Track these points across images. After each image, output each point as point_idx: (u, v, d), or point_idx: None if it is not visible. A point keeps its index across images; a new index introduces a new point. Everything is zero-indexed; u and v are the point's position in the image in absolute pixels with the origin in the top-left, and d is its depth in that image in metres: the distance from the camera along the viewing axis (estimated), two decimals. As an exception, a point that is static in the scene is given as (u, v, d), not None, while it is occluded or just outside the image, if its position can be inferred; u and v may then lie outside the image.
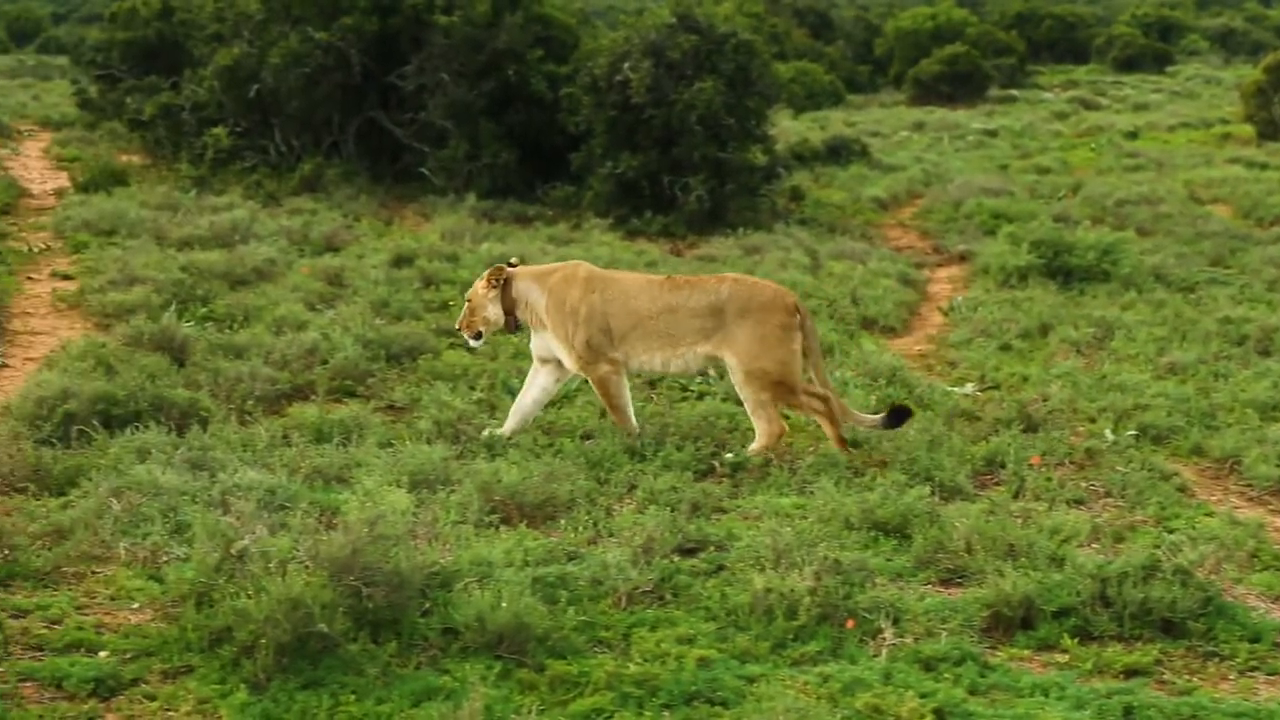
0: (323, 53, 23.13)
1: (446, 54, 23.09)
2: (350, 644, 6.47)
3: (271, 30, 23.93)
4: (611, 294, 10.59)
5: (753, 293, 10.48)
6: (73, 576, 7.50)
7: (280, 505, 8.14)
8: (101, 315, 13.74)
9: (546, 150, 23.39)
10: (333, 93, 23.50)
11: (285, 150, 23.79)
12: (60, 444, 9.56)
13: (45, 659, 6.50)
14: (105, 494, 8.26)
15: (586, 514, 8.58)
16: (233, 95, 24.01)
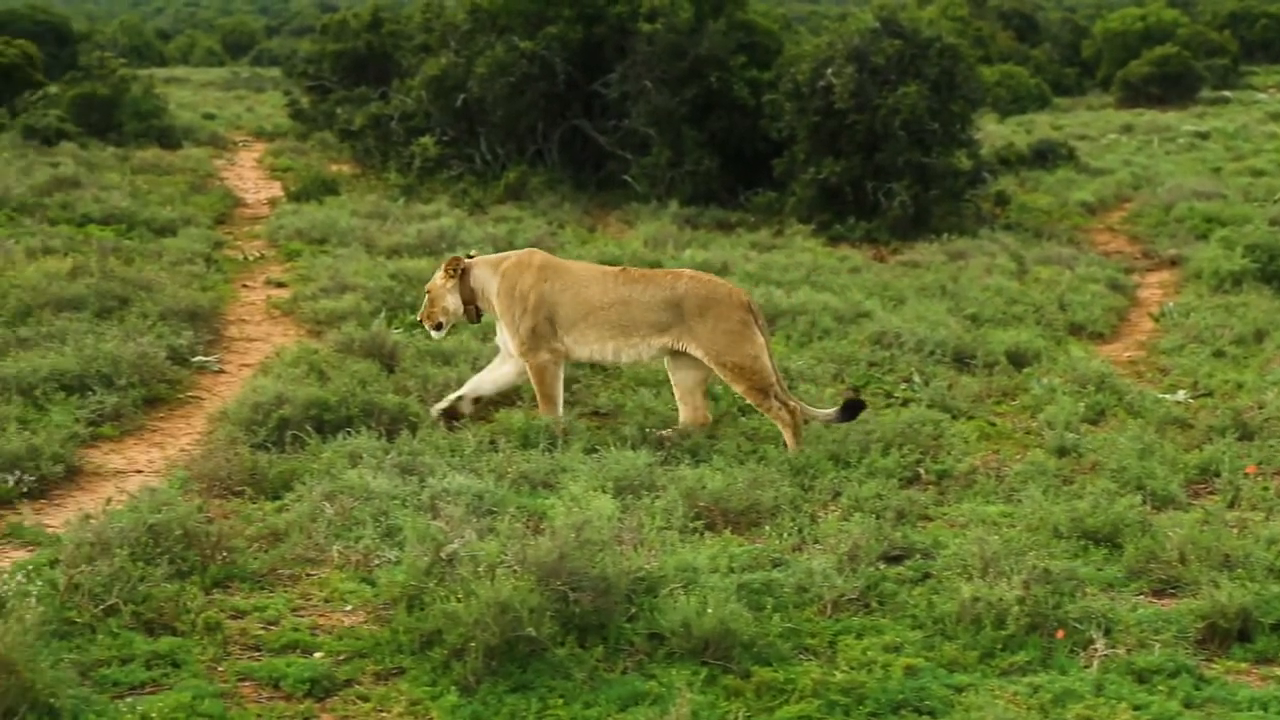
0: (528, 62, 23.37)
1: (649, 61, 23.19)
2: (558, 648, 6.52)
3: (478, 40, 24.24)
4: (564, 283, 10.76)
5: (710, 290, 10.63)
6: (288, 579, 7.65)
7: (488, 510, 8.23)
8: (313, 322, 14.01)
9: (749, 156, 23.39)
10: (537, 101, 23.73)
11: (491, 158, 24.07)
12: (275, 448, 9.76)
13: (263, 659, 6.64)
14: (319, 498, 8.41)
15: (791, 520, 8.55)
16: (440, 105, 24.35)
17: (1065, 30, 54.46)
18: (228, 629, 6.88)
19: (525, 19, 23.99)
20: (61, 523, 8.27)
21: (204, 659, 6.54)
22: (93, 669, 6.33)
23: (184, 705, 5.94)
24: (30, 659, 5.87)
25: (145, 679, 6.30)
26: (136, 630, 6.72)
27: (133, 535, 7.35)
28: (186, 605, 6.96)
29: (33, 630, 6.10)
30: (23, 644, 5.87)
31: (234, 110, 40.55)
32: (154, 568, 7.16)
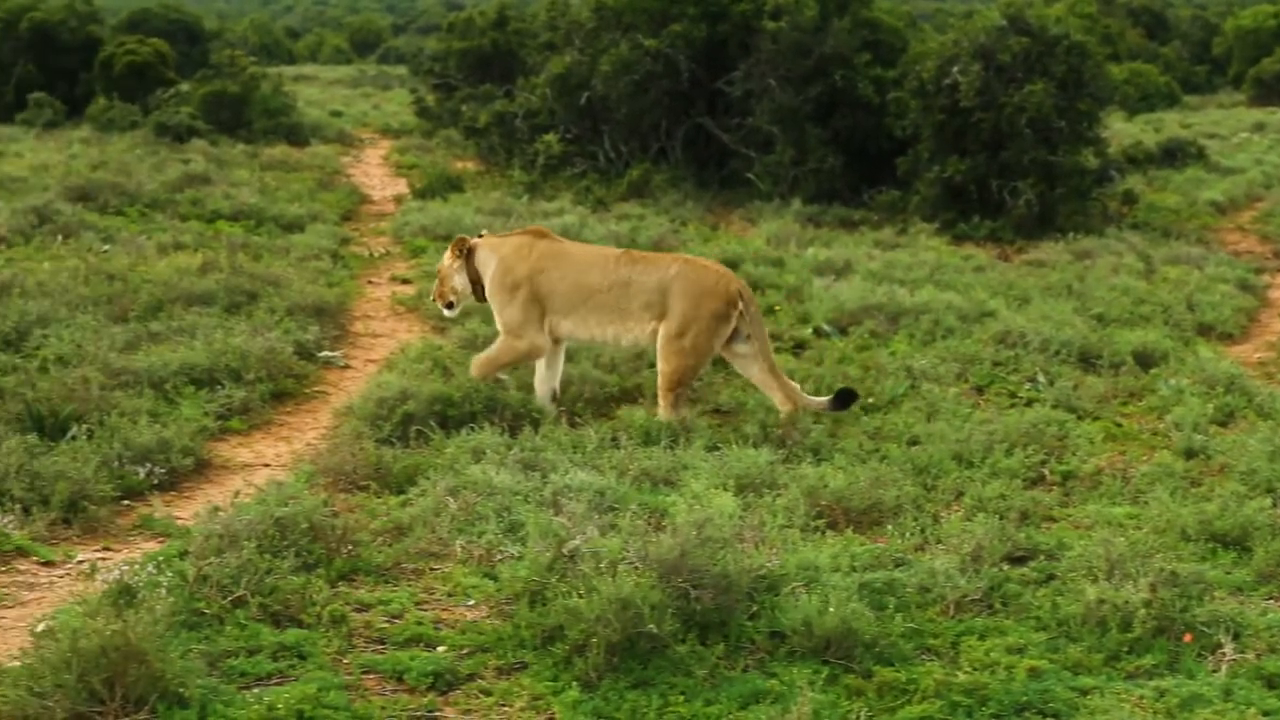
0: (652, 60, 23.40)
1: (773, 59, 23.15)
2: (679, 645, 6.53)
3: (602, 38, 24.31)
4: (563, 270, 10.86)
5: (699, 276, 10.70)
6: (412, 573, 7.71)
7: (610, 506, 8.25)
8: (438, 318, 14.09)
9: (873, 154, 23.29)
10: (661, 99, 23.76)
11: (614, 156, 24.13)
12: (399, 443, 9.85)
13: (387, 652, 6.70)
14: (442, 493, 8.46)
15: (913, 520, 8.50)
16: (564, 102, 24.45)
17: (1195, 27, 53.79)
18: (352, 622, 6.94)
19: (650, 17, 24.02)
20: (191, 515, 8.39)
21: (329, 651, 6.61)
22: (220, 659, 6.41)
23: (309, 697, 6.00)
24: (160, 649, 5.96)
25: (271, 670, 6.38)
26: (263, 622, 6.80)
27: (260, 528, 7.44)
28: (312, 598, 7.04)
29: (163, 621, 6.20)
30: (153, 634, 5.96)
31: (361, 108, 40.95)
32: (281, 560, 7.24)
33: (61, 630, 6.05)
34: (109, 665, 5.80)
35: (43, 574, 7.68)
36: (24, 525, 8.14)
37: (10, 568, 7.69)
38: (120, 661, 5.81)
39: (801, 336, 13.67)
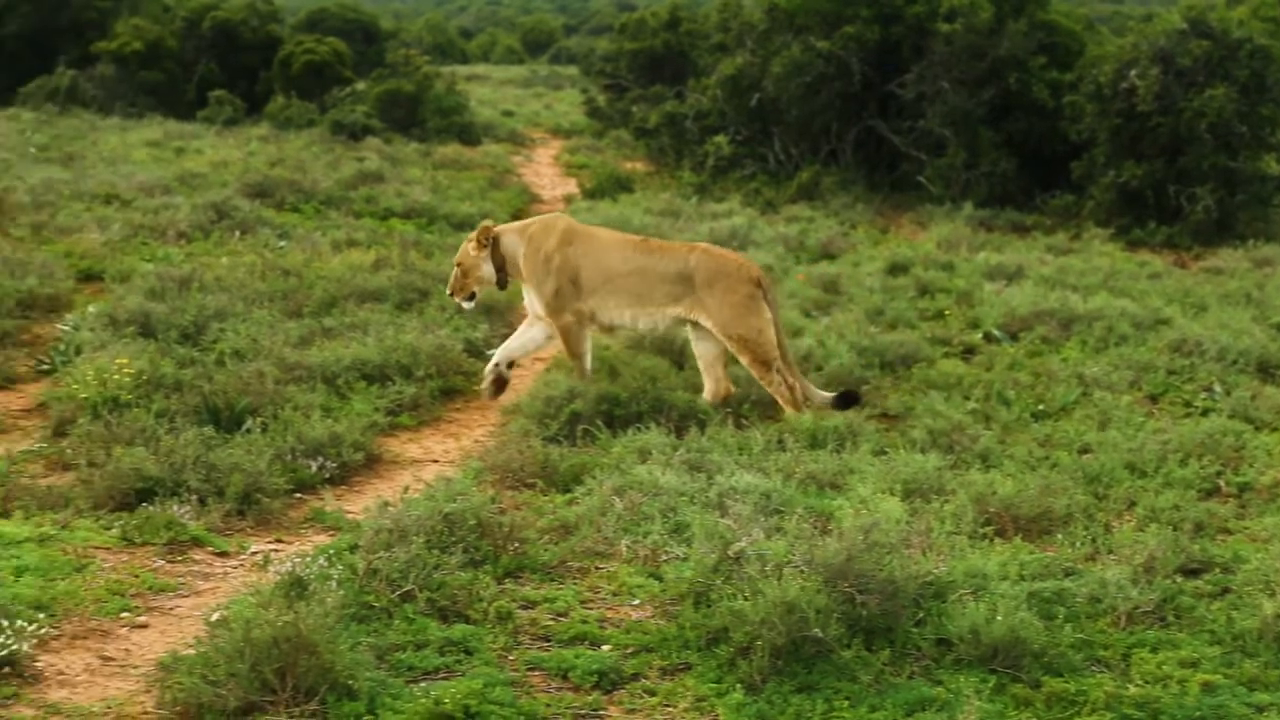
0: (824, 62, 23.33)
1: (947, 61, 22.98)
2: (844, 650, 6.49)
3: (774, 40, 24.28)
4: (586, 248, 11.16)
5: (720, 263, 10.98)
6: (578, 571, 7.74)
7: (775, 509, 8.21)
8: (607, 318, 14.14)
9: (1046, 158, 23.03)
10: (832, 101, 23.68)
11: (784, 158, 24.08)
12: (566, 442, 9.89)
13: (552, 650, 6.73)
14: (608, 492, 8.49)
15: (1084, 529, 8.37)
16: (734, 104, 24.45)
17: (1383, 30, 52.38)
18: (518, 619, 6.99)
19: (822, 19, 23.94)
20: (361, 509, 8.49)
21: (495, 647, 6.66)
22: (389, 653, 6.48)
23: (475, 692, 6.04)
24: (331, 641, 6.04)
25: (439, 665, 6.44)
26: (431, 616, 6.87)
27: (429, 523, 7.51)
28: (479, 594, 7.09)
29: (333, 613, 6.28)
30: (324, 626, 6.04)
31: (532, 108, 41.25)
32: (449, 556, 7.31)
33: (235, 620, 6.15)
34: (280, 656, 5.89)
35: (217, 564, 7.82)
36: (200, 516, 8.29)
37: (186, 557, 7.84)
38: (291, 652, 5.90)
39: (971, 341, 13.54)
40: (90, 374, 10.21)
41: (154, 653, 6.52)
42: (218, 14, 34.45)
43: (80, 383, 10.18)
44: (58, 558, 7.52)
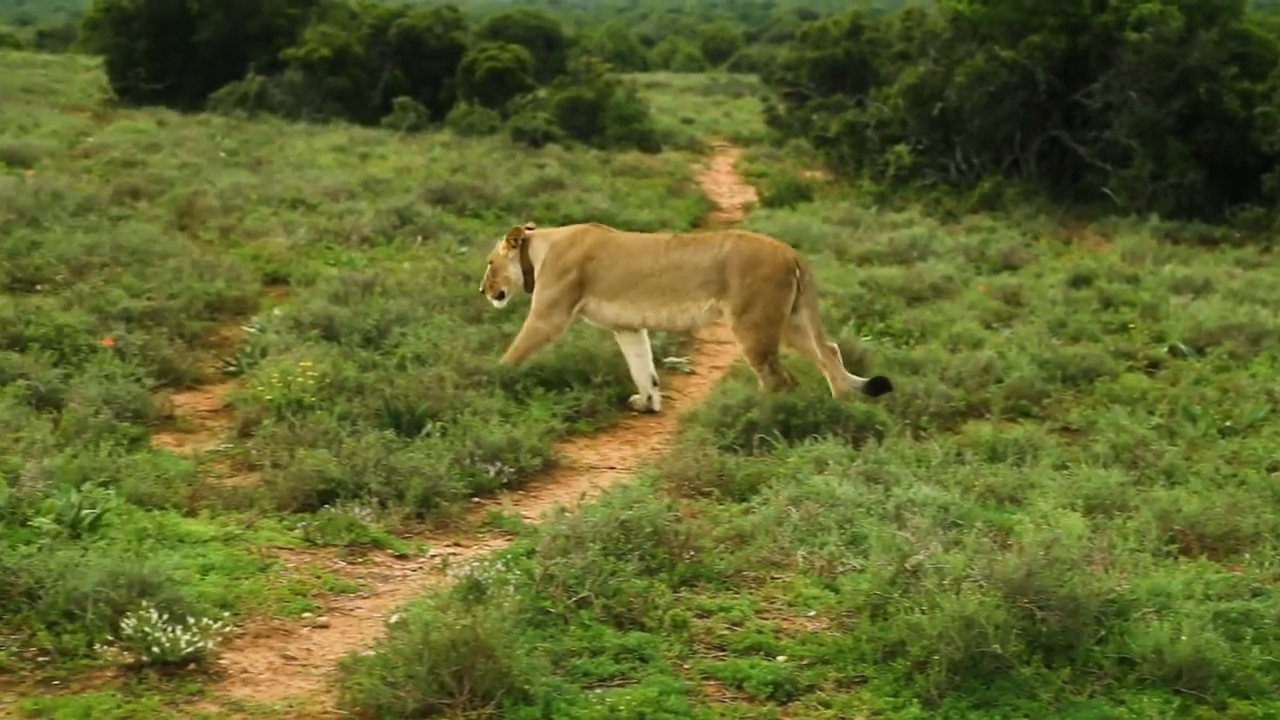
0: (1008, 71, 23.07)
1: (1135, 71, 22.62)
2: (1023, 667, 6.40)
3: (958, 49, 24.07)
4: (614, 257, 11.26)
5: (756, 249, 11.06)
6: (753, 581, 7.71)
7: (953, 522, 8.12)
8: (783, 327, 14.10)
9: (1236, 170, 22.56)
10: (1016, 111, 23.41)
11: (965, 168, 23.86)
12: (742, 451, 9.87)
13: (727, 659, 6.71)
14: (785, 502, 8.45)
15: (1272, 549, 8.16)
16: (916, 113, 24.27)
17: None
18: (694, 627, 6.98)
19: (1007, 28, 23.69)
20: (538, 514, 8.53)
21: (670, 656, 6.66)
22: (564, 658, 6.51)
23: (650, 700, 6.05)
24: (508, 645, 6.07)
25: (614, 672, 6.45)
26: (606, 623, 6.88)
27: (605, 530, 7.53)
28: (655, 601, 7.10)
29: (510, 618, 6.32)
30: (501, 630, 6.08)
31: (711, 115, 41.27)
32: (625, 563, 7.32)
33: (414, 623, 6.21)
34: (458, 659, 5.94)
35: (397, 567, 7.91)
36: (380, 518, 8.40)
37: (367, 559, 7.94)
38: (469, 656, 5.94)
39: (1156, 355, 13.30)
40: (275, 376, 10.38)
41: (334, 653, 6.61)
42: (404, 21, 34.92)
43: (265, 385, 10.36)
44: (242, 557, 7.66)
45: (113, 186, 19.38)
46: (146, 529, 7.72)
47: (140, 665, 6.25)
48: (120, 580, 6.58)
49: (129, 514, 7.91)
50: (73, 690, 6.11)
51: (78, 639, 6.37)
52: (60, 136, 25.64)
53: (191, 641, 6.26)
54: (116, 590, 6.54)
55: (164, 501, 8.29)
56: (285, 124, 30.34)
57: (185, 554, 7.50)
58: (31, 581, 6.65)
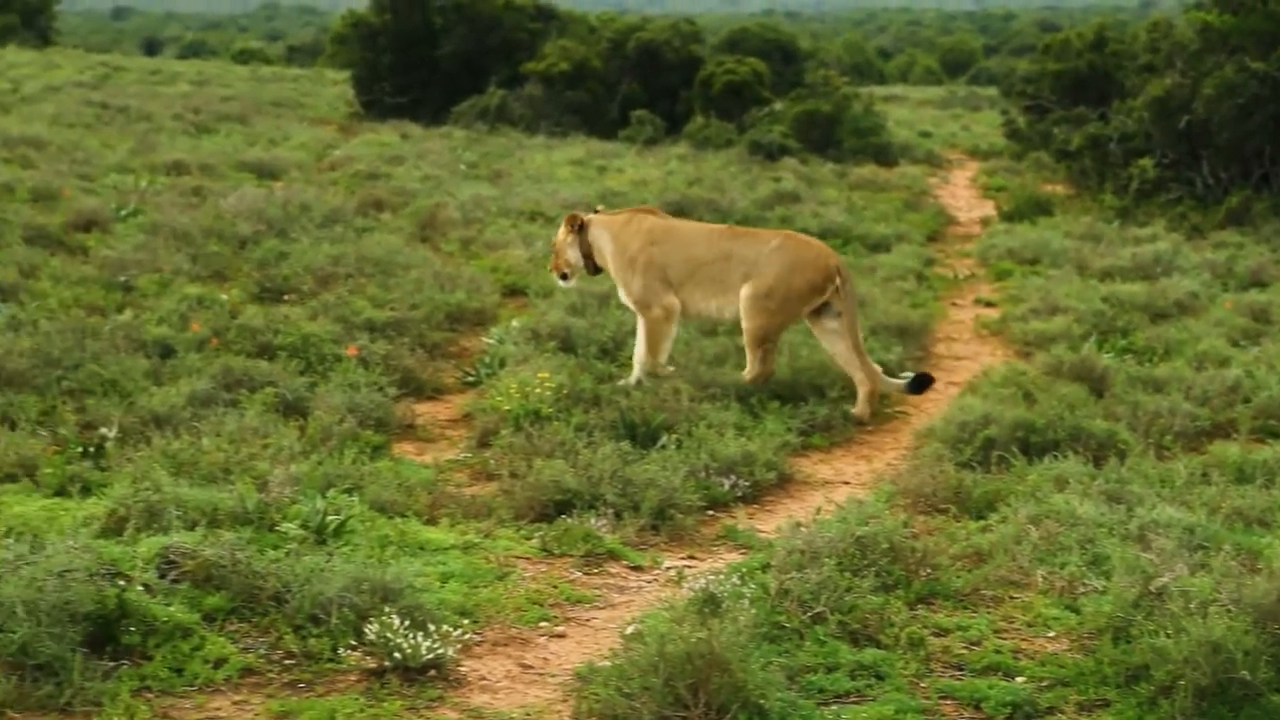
0: (1259, 83, 22.46)
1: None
2: (1273, 694, 6.22)
3: (1206, 60, 23.50)
4: (672, 244, 11.62)
5: (798, 249, 11.46)
6: (991, 600, 7.61)
7: (1199, 545, 7.92)
8: (1022, 343, 13.93)
9: None
10: (1266, 124, 22.77)
11: (1212, 182, 23.29)
12: (980, 468, 9.74)
13: (965, 679, 6.63)
14: (1023, 520, 8.32)
15: None
16: (1161, 126, 23.75)
17: None
18: (930, 646, 6.91)
19: (1258, 38, 23.06)
20: (772, 528, 8.52)
21: (906, 674, 6.60)
22: (799, 674, 6.49)
23: (886, 718, 6.01)
24: (743, 659, 6.07)
25: (849, 689, 6.41)
26: (842, 639, 6.84)
27: (840, 546, 7.50)
28: (890, 619, 7.04)
29: (745, 631, 6.31)
30: (736, 644, 6.08)
31: (949, 129, 40.91)
32: (860, 579, 7.27)
33: (649, 634, 6.24)
34: (694, 672, 5.96)
35: (632, 578, 7.95)
36: (616, 529, 8.46)
37: (602, 570, 8.00)
38: (705, 669, 5.95)
39: None
40: (513, 387, 10.52)
41: (571, 663, 6.67)
42: (642, 35, 35.17)
43: (504, 395, 10.50)
44: (481, 565, 7.77)
45: (357, 198, 19.80)
46: (388, 536, 7.87)
47: (382, 670, 6.37)
48: (364, 586, 6.72)
49: (371, 521, 8.07)
50: (318, 693, 6.25)
51: (323, 643, 6.51)
52: (308, 149, 26.27)
53: (432, 648, 6.37)
54: (360, 596, 6.67)
55: (405, 509, 8.44)
56: (524, 137, 30.72)
57: (426, 561, 7.62)
58: (279, 586, 6.82)
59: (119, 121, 27.52)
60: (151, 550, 7.05)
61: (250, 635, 6.66)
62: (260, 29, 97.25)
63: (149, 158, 22.50)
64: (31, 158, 21.16)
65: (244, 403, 10.08)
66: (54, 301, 12.53)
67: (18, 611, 6.12)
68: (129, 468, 8.59)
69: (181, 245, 15.48)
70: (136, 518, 7.61)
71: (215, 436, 9.21)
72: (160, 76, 40.51)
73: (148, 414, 9.69)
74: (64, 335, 11.16)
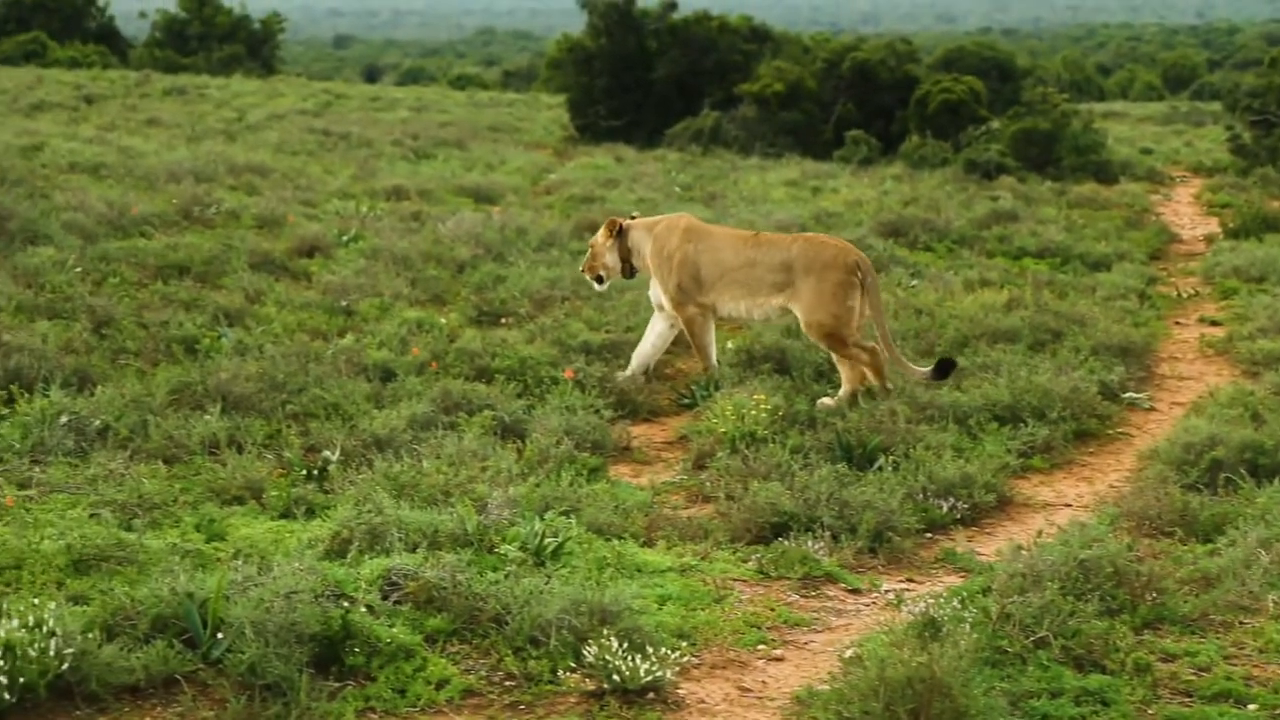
0: None
1: None
2: None
3: None
4: (704, 246, 12.11)
5: (818, 251, 11.77)
6: (1220, 625, 7.42)
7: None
8: (1249, 363, 13.57)
9: None
10: None
11: None
12: (1207, 490, 9.51)
13: (1194, 706, 6.48)
14: (1253, 544, 8.11)
15: None
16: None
17: None
18: (1157, 671, 6.76)
19: None
20: (992, 551, 8.42)
21: (1133, 700, 6.47)
22: (1022, 700, 6.39)
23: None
24: (964, 684, 6.00)
25: (1073, 715, 6.30)
26: (1065, 664, 6.73)
27: (1063, 569, 7.37)
28: (1116, 644, 6.90)
29: (967, 656, 6.24)
30: (957, 669, 6.01)
31: (1171, 145, 40.08)
32: (1084, 603, 7.15)
33: (869, 658, 6.20)
34: (914, 696, 5.90)
35: (850, 601, 7.90)
36: (833, 552, 8.41)
37: (820, 593, 7.96)
38: (925, 694, 5.89)
39: None
40: (728, 409, 10.52)
41: (789, 686, 6.64)
42: (857, 55, 35.00)
43: (719, 417, 10.51)
44: (698, 588, 7.77)
45: (573, 222, 19.95)
46: (606, 558, 7.91)
47: (601, 692, 6.40)
48: (582, 608, 6.76)
49: (589, 543, 8.12)
50: (538, 715, 6.30)
51: (542, 664, 6.56)
52: (524, 174, 26.56)
53: (651, 670, 6.38)
54: (579, 618, 6.72)
55: (622, 531, 8.48)
56: (738, 159, 30.73)
57: (643, 584, 7.65)
58: (499, 607, 6.89)
59: (340, 148, 28.07)
60: (374, 572, 7.18)
61: (471, 657, 6.73)
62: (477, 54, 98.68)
63: (369, 184, 22.91)
64: (256, 185, 21.68)
65: (463, 425, 10.21)
66: (278, 326, 12.80)
67: (246, 632, 6.27)
68: (351, 490, 8.75)
69: (401, 270, 15.74)
70: (359, 540, 7.76)
71: (435, 459, 9.34)
72: (380, 103, 41.24)
73: (369, 437, 9.86)
74: (288, 359, 11.41)
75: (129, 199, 18.49)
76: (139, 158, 23.08)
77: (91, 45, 55.71)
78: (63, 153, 22.77)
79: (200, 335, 12.18)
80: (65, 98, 35.37)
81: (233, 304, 13.50)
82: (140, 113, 32.93)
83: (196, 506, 8.59)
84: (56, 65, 49.34)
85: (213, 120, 32.44)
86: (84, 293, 13.32)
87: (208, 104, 37.06)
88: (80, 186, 19.17)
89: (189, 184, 20.07)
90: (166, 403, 10.36)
